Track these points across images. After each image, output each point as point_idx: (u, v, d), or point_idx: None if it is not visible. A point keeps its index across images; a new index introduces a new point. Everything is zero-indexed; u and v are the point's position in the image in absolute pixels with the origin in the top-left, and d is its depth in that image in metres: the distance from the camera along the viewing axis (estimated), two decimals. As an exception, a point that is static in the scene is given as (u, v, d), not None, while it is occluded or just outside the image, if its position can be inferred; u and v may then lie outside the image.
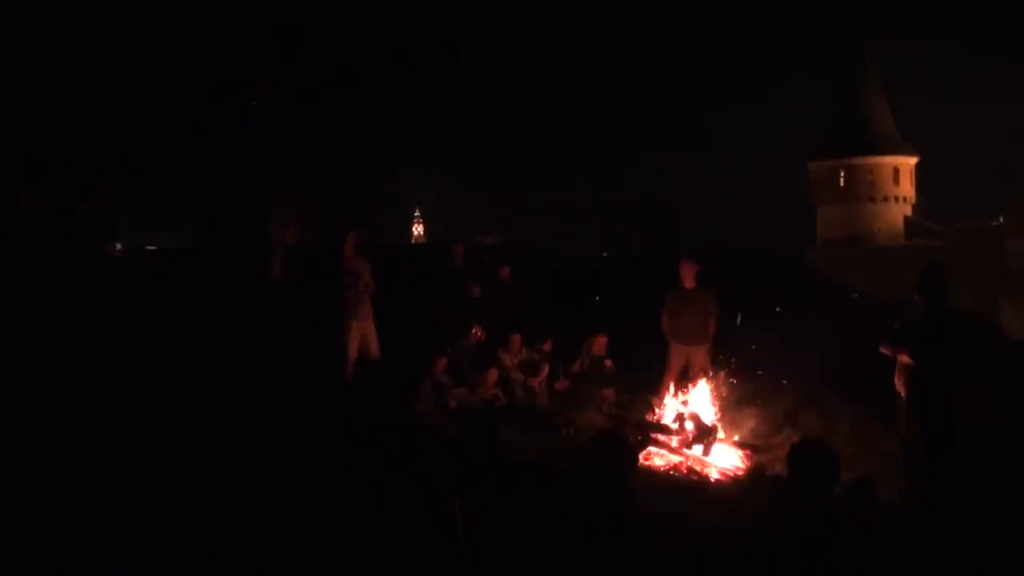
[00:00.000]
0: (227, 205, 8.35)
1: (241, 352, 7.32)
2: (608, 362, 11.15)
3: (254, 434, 6.69)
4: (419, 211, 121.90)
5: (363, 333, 10.34)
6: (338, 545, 5.48)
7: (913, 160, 60.56)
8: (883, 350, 7.52)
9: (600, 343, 11.23)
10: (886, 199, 59.73)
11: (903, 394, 7.43)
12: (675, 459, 8.74)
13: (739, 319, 11.76)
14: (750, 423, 10.03)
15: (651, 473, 8.49)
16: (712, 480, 8.39)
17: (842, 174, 60.21)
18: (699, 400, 9.42)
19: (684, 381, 10.01)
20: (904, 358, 7.34)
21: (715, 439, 8.92)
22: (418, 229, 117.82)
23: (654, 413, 9.64)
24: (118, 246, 36.86)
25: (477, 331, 10.90)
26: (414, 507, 5.81)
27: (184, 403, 7.07)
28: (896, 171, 59.75)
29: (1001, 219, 54.93)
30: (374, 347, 10.50)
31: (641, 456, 8.76)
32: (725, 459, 8.78)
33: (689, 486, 8.23)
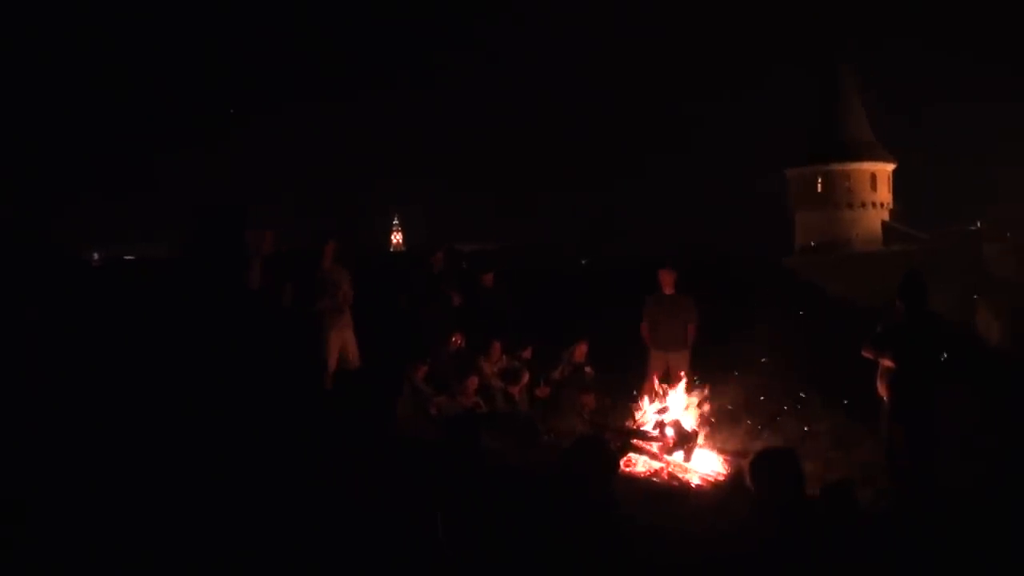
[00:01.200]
0: (205, 217, 8.33)
1: (219, 360, 7.29)
2: (588, 369, 11.17)
3: (233, 440, 6.65)
4: (398, 219, 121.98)
5: (343, 342, 10.30)
6: (320, 553, 5.46)
7: (890, 166, 60.97)
8: (865, 354, 7.58)
9: (580, 350, 11.25)
10: (864, 205, 60.10)
11: (885, 397, 7.48)
12: (656, 465, 8.74)
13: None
14: (731, 428, 10.06)
15: (632, 479, 8.49)
16: (693, 486, 8.39)
17: (819, 180, 60.56)
18: (679, 406, 9.42)
19: (664, 387, 10.01)
20: (886, 362, 7.40)
21: (696, 445, 8.93)
22: (397, 237, 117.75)
23: (634, 419, 9.63)
24: (95, 256, 36.56)
25: (457, 339, 10.87)
26: (395, 515, 5.79)
27: (163, 410, 7.03)
28: (873, 177, 60.14)
29: (979, 224, 55.38)
30: (353, 356, 10.46)
31: (622, 462, 8.77)
32: (706, 465, 8.78)
33: (670, 492, 8.24)
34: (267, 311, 8.83)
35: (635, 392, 10.55)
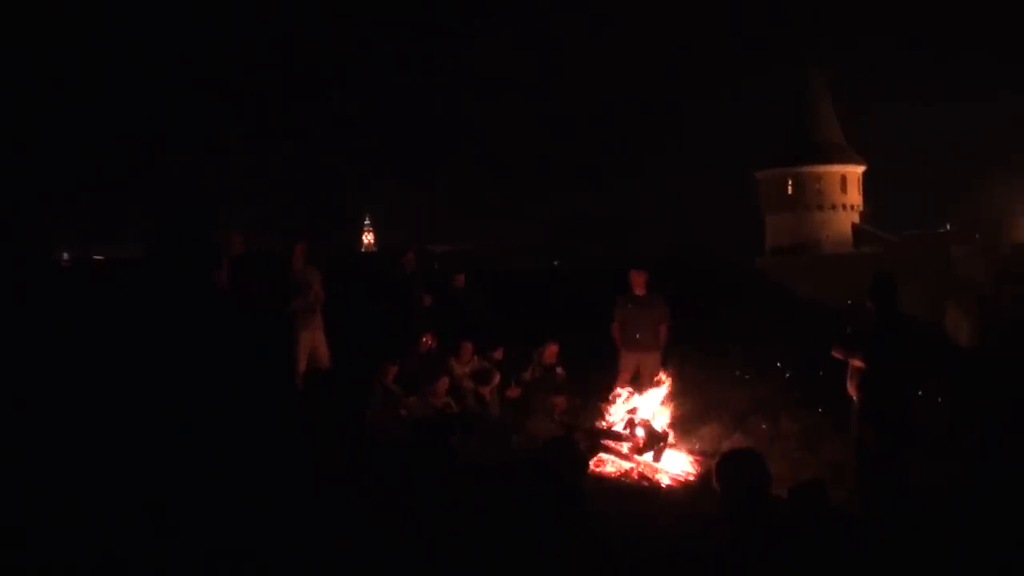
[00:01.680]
0: (174, 217, 8.27)
1: (186, 361, 7.24)
2: (559, 370, 11.16)
3: (202, 441, 6.61)
4: (369, 220, 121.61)
5: (313, 343, 10.27)
6: (291, 553, 5.43)
7: (860, 168, 61.40)
8: (835, 354, 7.63)
9: (551, 351, 11.24)
10: (834, 207, 60.47)
11: (855, 398, 7.53)
12: (626, 465, 8.76)
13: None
14: (701, 429, 10.10)
15: (602, 479, 8.51)
16: (663, 486, 8.42)
17: (790, 182, 60.86)
18: (650, 406, 9.44)
19: (635, 388, 10.04)
20: (856, 362, 7.44)
21: (666, 445, 8.96)
22: (369, 238, 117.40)
23: (605, 420, 9.65)
24: (65, 255, 36.25)
25: (428, 339, 10.84)
26: (366, 515, 5.78)
27: (131, 410, 6.97)
28: (843, 179, 60.53)
29: (948, 226, 55.80)
30: (324, 357, 10.42)
31: (592, 463, 8.78)
32: (676, 465, 8.81)
33: (640, 492, 8.26)
34: (236, 312, 8.78)
35: (606, 392, 10.57)
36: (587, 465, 5.62)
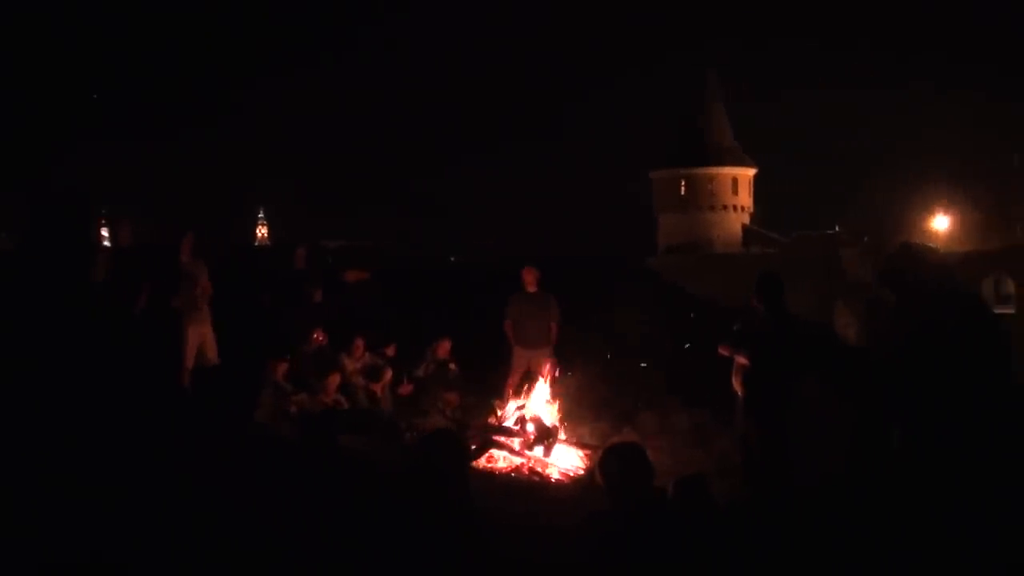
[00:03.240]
0: (47, 205, 7.98)
1: (60, 359, 6.99)
2: (452, 366, 11.16)
3: (71, 440, 6.40)
4: (263, 213, 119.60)
5: (201, 338, 10.07)
6: (174, 555, 5.31)
7: (751, 171, 62.96)
8: (722, 351, 7.77)
9: (444, 347, 11.23)
10: (725, 208, 61.90)
11: (740, 394, 7.69)
12: (517, 461, 8.80)
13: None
14: (592, 424, 10.20)
15: (492, 475, 8.53)
16: (552, 480, 8.48)
17: (682, 183, 62.07)
18: (541, 402, 9.51)
19: (527, 384, 10.09)
20: (742, 359, 7.60)
21: (556, 440, 9.02)
22: (262, 231, 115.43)
23: (496, 416, 9.68)
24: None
25: (318, 335, 10.69)
26: (252, 515, 5.68)
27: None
28: (735, 181, 62.01)
29: (836, 228, 57.54)
30: (212, 353, 10.22)
31: (484, 458, 8.80)
32: (566, 460, 8.88)
33: (530, 487, 8.31)
34: (116, 305, 8.53)
35: (498, 389, 10.60)
36: (469, 456, 5.62)
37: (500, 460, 8.85)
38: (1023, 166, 51.20)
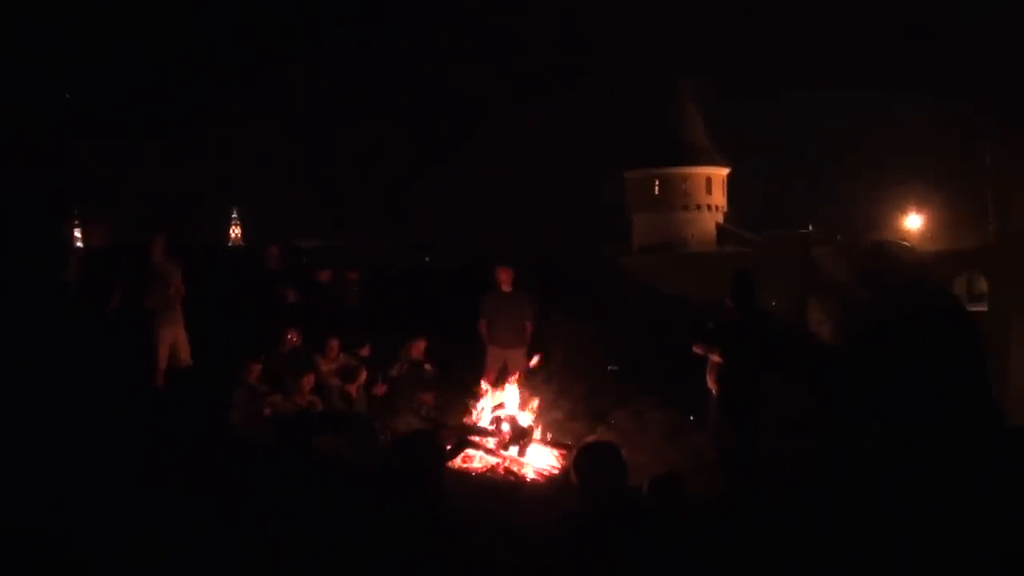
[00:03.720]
0: (19, 205, 7.92)
1: (29, 356, 6.94)
2: (427, 366, 11.13)
3: (43, 439, 6.35)
4: (236, 213, 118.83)
5: (173, 339, 10.01)
6: (150, 557, 5.28)
7: (725, 171, 63.31)
8: (696, 349, 7.83)
9: (418, 347, 11.20)
10: (699, 207, 62.22)
11: (714, 391, 7.75)
12: (492, 460, 8.80)
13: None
14: (566, 423, 10.21)
15: (468, 475, 8.53)
16: (528, 480, 8.48)
17: (656, 183, 62.33)
18: (515, 402, 9.50)
19: (501, 383, 10.09)
20: (715, 357, 7.66)
21: (531, 440, 9.02)
22: (236, 231, 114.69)
23: (471, 416, 9.67)
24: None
25: (292, 336, 10.63)
26: (227, 516, 5.66)
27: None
28: (708, 181, 62.34)
29: (810, 227, 57.88)
30: (185, 354, 10.16)
31: (459, 458, 8.79)
32: (541, 459, 8.89)
33: (505, 486, 8.31)
34: (88, 306, 8.47)
35: (473, 389, 10.59)
36: (444, 456, 5.61)
37: (475, 460, 8.85)
38: (996, 165, 51.60)
